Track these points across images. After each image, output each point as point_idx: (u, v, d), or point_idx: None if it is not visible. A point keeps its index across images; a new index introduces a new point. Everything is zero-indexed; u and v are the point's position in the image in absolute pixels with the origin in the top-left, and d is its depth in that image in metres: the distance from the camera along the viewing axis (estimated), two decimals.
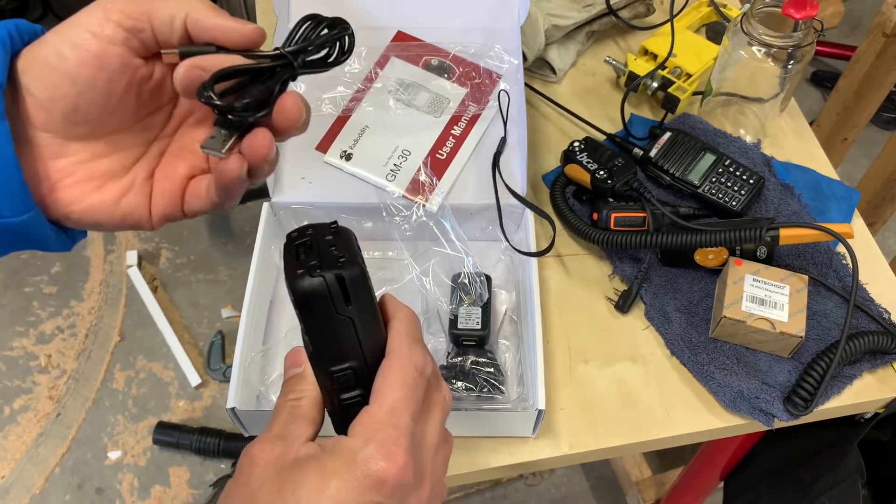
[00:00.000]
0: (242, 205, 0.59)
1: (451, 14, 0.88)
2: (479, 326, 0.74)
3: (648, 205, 0.81)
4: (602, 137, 0.91)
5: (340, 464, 0.37)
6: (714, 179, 0.84)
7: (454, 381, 0.70)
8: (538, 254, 0.76)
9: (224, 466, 1.61)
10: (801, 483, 0.90)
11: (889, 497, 0.97)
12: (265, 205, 0.79)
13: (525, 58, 0.94)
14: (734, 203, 0.82)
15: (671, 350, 0.78)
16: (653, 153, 0.86)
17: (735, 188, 0.83)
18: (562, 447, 0.72)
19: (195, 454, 1.61)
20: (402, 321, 0.43)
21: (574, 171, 0.85)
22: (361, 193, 0.80)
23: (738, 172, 0.84)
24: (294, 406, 0.42)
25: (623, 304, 0.80)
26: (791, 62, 0.84)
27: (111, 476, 1.60)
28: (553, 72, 0.99)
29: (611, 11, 0.97)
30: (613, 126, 0.94)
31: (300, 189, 0.80)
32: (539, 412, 0.67)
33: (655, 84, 0.93)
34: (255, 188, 0.48)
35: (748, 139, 0.91)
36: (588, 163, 0.83)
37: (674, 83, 0.92)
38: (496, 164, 0.81)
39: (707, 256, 0.79)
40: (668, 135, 0.87)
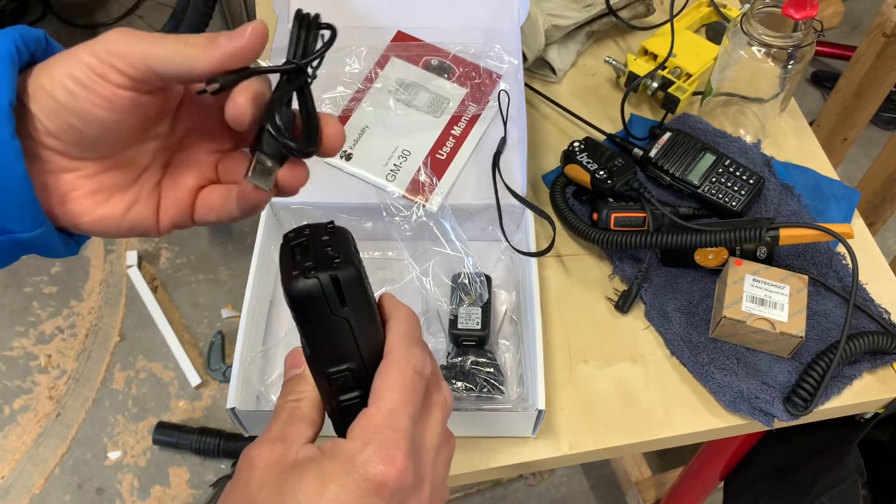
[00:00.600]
0: None
1: (451, 14, 0.88)
2: (479, 326, 0.74)
3: (648, 205, 0.81)
4: (602, 137, 0.91)
5: (339, 467, 0.37)
6: (714, 179, 0.84)
7: (454, 381, 0.70)
8: (538, 254, 0.76)
9: (224, 466, 1.61)
10: (801, 483, 0.90)
11: (889, 497, 0.97)
12: None
13: (525, 58, 0.94)
14: (734, 203, 0.82)
15: (671, 350, 0.78)
16: (653, 153, 0.86)
17: (735, 188, 0.83)
18: (562, 447, 0.72)
19: (195, 454, 1.61)
20: (401, 321, 0.42)
21: (574, 171, 0.85)
22: (361, 193, 0.80)
23: (738, 172, 0.84)
24: (294, 407, 0.41)
25: (623, 304, 0.80)
26: (791, 62, 0.84)
27: (111, 476, 1.60)
28: (553, 72, 0.99)
29: (611, 11, 0.97)
30: (613, 126, 0.94)
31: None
32: (539, 412, 0.67)
33: (655, 84, 0.93)
34: None
35: (748, 139, 0.91)
36: (588, 163, 0.83)
37: (674, 83, 0.92)
38: (496, 164, 0.81)
39: (707, 256, 0.79)
40: (668, 135, 0.87)
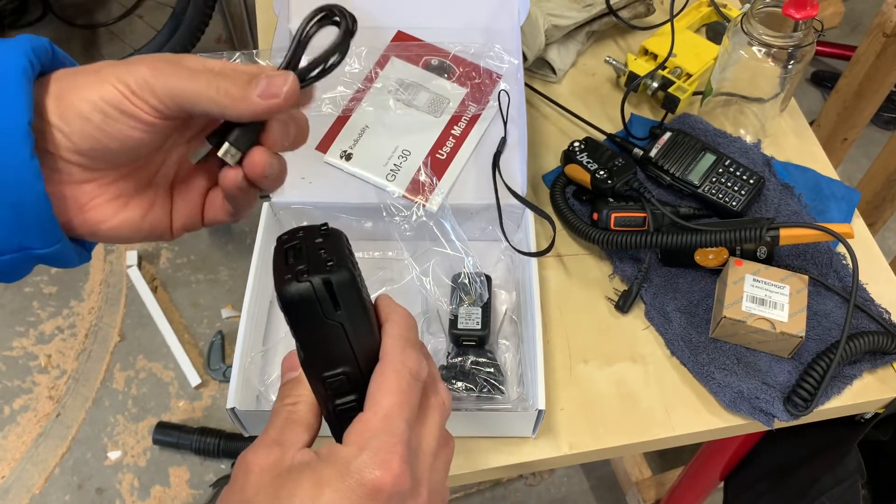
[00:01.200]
0: None
1: (451, 14, 0.88)
2: (479, 326, 0.74)
3: (648, 205, 0.81)
4: (602, 137, 0.91)
5: (334, 473, 0.37)
6: (714, 179, 0.84)
7: (454, 382, 0.70)
8: (538, 254, 0.76)
9: (224, 466, 1.61)
10: (801, 483, 0.90)
11: (889, 497, 0.97)
12: (265, 205, 0.79)
13: (525, 58, 0.94)
14: (734, 203, 0.82)
15: (671, 350, 0.78)
16: (653, 153, 0.86)
17: (735, 188, 0.83)
18: (562, 447, 0.72)
19: (195, 454, 1.61)
20: (397, 324, 0.42)
21: (574, 171, 0.85)
22: (361, 193, 0.80)
23: (738, 172, 0.84)
24: (290, 411, 0.41)
25: (623, 304, 0.80)
26: (791, 62, 0.84)
27: (111, 476, 1.60)
28: (553, 72, 0.98)
29: (611, 11, 0.97)
30: (613, 126, 0.94)
31: (300, 189, 0.80)
32: (539, 412, 0.67)
33: (655, 84, 0.93)
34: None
35: (748, 139, 0.91)
36: (588, 163, 0.83)
37: (674, 83, 0.92)
38: (496, 164, 0.81)
39: (707, 256, 0.79)
40: (668, 135, 0.87)
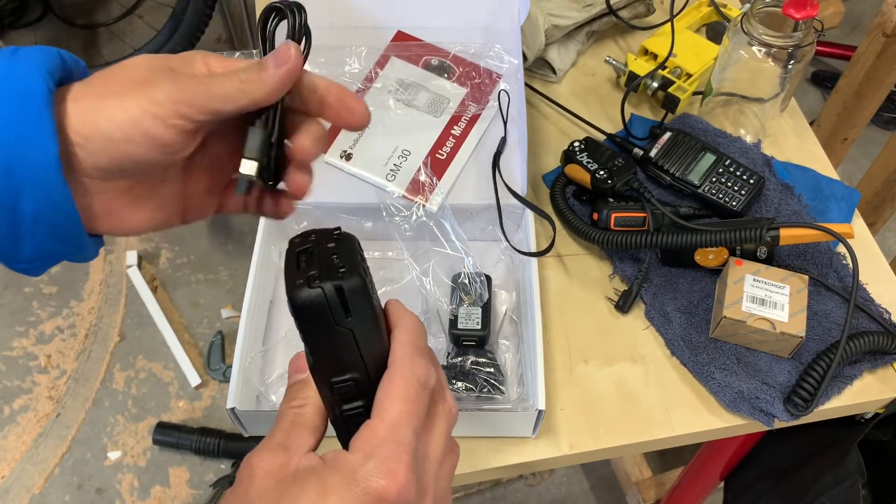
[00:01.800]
0: None
1: (451, 14, 0.88)
2: (479, 326, 0.74)
3: (648, 205, 0.81)
4: (602, 137, 0.91)
5: (340, 480, 0.36)
6: (714, 179, 0.84)
7: (454, 382, 0.70)
8: (538, 254, 0.76)
9: (224, 466, 1.61)
10: (801, 483, 0.90)
11: (889, 497, 0.97)
12: None
13: (525, 58, 0.94)
14: (734, 203, 0.82)
15: (671, 350, 0.78)
16: (653, 153, 0.86)
17: (735, 188, 0.83)
18: (562, 447, 0.72)
19: (195, 454, 1.61)
20: (406, 330, 0.41)
21: (574, 171, 0.85)
22: (361, 193, 0.80)
23: (739, 172, 0.84)
24: (296, 414, 0.41)
25: (623, 304, 0.80)
26: (791, 62, 0.84)
27: (111, 476, 1.60)
28: (553, 72, 0.98)
29: (611, 11, 0.97)
30: (613, 126, 0.94)
31: None
32: (539, 412, 0.67)
33: (655, 84, 0.93)
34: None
35: (748, 139, 0.91)
36: (588, 163, 0.83)
37: (674, 83, 0.92)
38: (496, 164, 0.81)
39: (707, 256, 0.79)
40: (668, 135, 0.87)
